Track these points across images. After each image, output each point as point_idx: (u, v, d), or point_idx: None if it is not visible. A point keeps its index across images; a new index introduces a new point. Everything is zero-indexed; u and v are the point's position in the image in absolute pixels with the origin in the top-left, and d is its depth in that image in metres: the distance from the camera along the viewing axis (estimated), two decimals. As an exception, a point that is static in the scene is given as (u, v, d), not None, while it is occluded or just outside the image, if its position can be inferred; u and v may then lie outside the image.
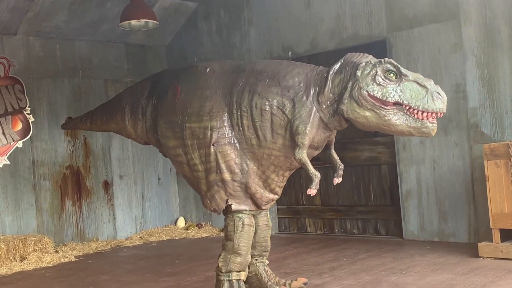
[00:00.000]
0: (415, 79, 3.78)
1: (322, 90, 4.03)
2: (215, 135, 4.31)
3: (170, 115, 4.60)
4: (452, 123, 6.47)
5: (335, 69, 4.05)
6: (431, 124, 3.78)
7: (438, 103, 3.72)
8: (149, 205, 9.00)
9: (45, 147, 7.99)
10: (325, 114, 4.05)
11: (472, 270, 5.18)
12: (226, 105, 4.32)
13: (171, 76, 4.88)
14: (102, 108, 5.57)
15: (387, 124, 3.82)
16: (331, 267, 5.73)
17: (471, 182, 6.34)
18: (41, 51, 8.03)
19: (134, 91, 5.17)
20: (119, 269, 6.54)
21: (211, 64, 4.62)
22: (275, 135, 4.16)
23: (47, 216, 7.94)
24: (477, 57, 6.26)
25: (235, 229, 4.36)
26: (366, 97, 3.81)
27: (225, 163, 4.31)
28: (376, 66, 3.83)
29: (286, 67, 4.28)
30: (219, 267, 4.38)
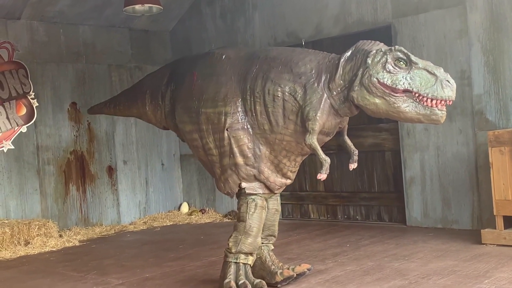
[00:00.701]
0: (425, 67, 3.82)
1: (333, 77, 4.08)
2: (229, 120, 4.39)
3: (187, 101, 4.70)
4: (456, 110, 6.45)
5: (346, 56, 4.10)
6: (440, 112, 3.81)
7: (447, 91, 3.76)
8: (152, 191, 9.03)
9: (49, 132, 8.00)
10: (335, 101, 4.10)
11: (475, 257, 5.19)
12: (240, 91, 4.40)
13: (189, 62, 4.97)
14: (125, 93, 5.73)
15: (396, 112, 3.88)
16: (334, 253, 5.75)
17: (475, 169, 6.33)
18: (45, 36, 8.01)
19: (154, 77, 5.31)
20: (123, 253, 6.58)
21: (227, 51, 4.68)
22: (287, 120, 4.21)
23: (52, 200, 7.97)
24: (482, 43, 6.22)
25: (248, 210, 4.42)
26: (376, 84, 3.86)
27: (238, 148, 4.38)
28: (387, 54, 3.88)
29: (299, 54, 4.33)
30: (229, 247, 4.42)
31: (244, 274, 4.37)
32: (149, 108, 5.19)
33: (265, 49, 4.70)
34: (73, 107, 8.24)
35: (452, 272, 4.70)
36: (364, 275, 4.80)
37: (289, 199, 8.18)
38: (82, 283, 5.28)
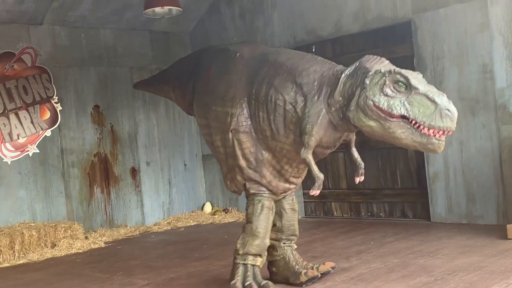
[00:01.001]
0: (425, 93, 3.58)
1: (333, 92, 3.97)
2: (234, 122, 4.41)
3: (202, 95, 4.76)
4: (479, 104, 6.39)
5: (347, 72, 3.96)
6: (438, 141, 3.59)
7: (446, 121, 3.52)
8: (176, 191, 9.09)
9: (73, 135, 8.10)
10: (334, 117, 3.99)
11: (501, 252, 5.14)
12: (247, 94, 4.40)
13: (210, 55, 4.99)
14: (161, 75, 5.87)
15: (391, 137, 3.71)
16: (358, 250, 5.73)
17: (499, 164, 6.27)
18: (67, 40, 8.11)
19: (183, 63, 5.43)
20: (148, 254, 6.64)
21: (242, 49, 4.68)
22: (287, 130, 4.18)
23: (77, 203, 8.07)
24: (504, 36, 6.15)
25: (254, 211, 4.43)
26: (371, 107, 3.69)
27: (240, 151, 4.40)
28: (386, 76, 3.69)
29: (306, 62, 4.25)
30: (237, 249, 4.43)
31: (252, 276, 4.36)
32: (177, 93, 5.30)
33: (278, 51, 4.62)
34: (96, 110, 8.33)
35: (478, 268, 4.66)
36: (389, 273, 4.78)
37: (312, 197, 8.14)
38: (108, 284, 5.34)
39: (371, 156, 7.46)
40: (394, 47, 7.27)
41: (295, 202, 4.75)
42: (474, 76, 6.42)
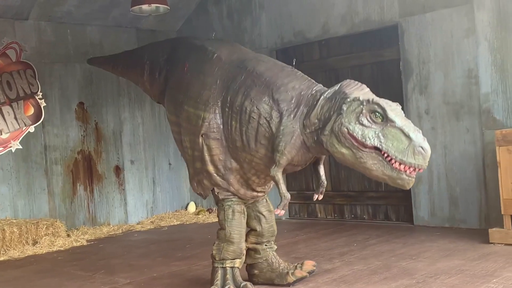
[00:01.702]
0: (401, 127, 3.53)
1: (309, 114, 3.90)
2: (205, 126, 4.33)
3: (175, 91, 4.67)
4: (464, 109, 6.44)
5: (326, 95, 3.89)
6: (408, 177, 3.54)
7: (418, 159, 3.48)
8: (160, 190, 9.05)
9: (57, 132, 8.04)
10: (308, 138, 3.92)
11: (482, 256, 5.17)
12: (221, 99, 4.32)
13: (186, 49, 4.88)
14: (125, 56, 5.70)
15: (362, 167, 3.65)
16: (341, 252, 5.75)
17: (483, 168, 6.31)
18: (52, 36, 8.04)
19: (156, 49, 5.25)
20: (131, 253, 6.60)
21: (220, 50, 4.57)
22: (258, 144, 4.11)
23: (59, 200, 8.01)
24: (489, 42, 6.20)
25: (225, 217, 4.40)
26: (345, 134, 3.63)
27: (209, 157, 4.36)
28: (363, 105, 3.62)
29: (285, 77, 4.15)
30: (213, 255, 4.40)
31: (231, 278, 4.34)
32: (147, 78, 5.16)
33: (257, 58, 4.45)
34: (80, 107, 8.28)
35: (459, 272, 4.69)
36: (372, 275, 4.80)
37: (296, 198, 8.18)
38: (90, 282, 5.30)
39: (355, 158, 7.47)
40: (381, 50, 7.30)
41: (269, 203, 4.74)
42: (459, 81, 6.46)
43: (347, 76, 7.66)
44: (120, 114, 8.64)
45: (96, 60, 6.27)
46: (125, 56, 5.72)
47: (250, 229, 4.68)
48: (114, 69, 5.78)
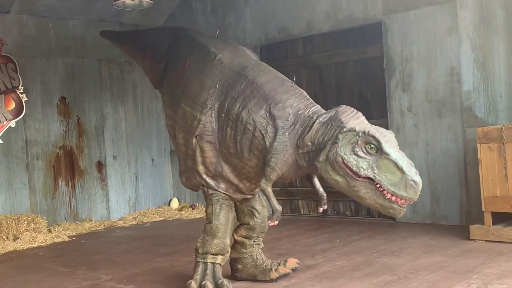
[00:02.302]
0: (395, 160, 3.57)
1: (303, 135, 3.92)
2: (200, 128, 4.34)
3: (174, 85, 4.67)
4: (446, 106, 6.48)
5: (322, 119, 3.91)
6: (399, 207, 3.61)
7: (410, 192, 3.53)
8: (142, 186, 9.01)
9: (38, 126, 7.96)
10: (300, 158, 3.95)
11: (463, 252, 5.22)
12: (219, 104, 4.31)
13: (188, 44, 4.85)
14: (132, 36, 5.74)
15: (355, 195, 3.70)
16: (324, 248, 5.77)
17: (464, 165, 6.37)
18: (34, 30, 7.96)
19: (159, 35, 5.29)
20: (113, 249, 6.56)
21: (223, 52, 4.53)
22: (251, 155, 4.14)
23: (40, 196, 7.94)
24: (472, 40, 6.25)
25: (213, 211, 4.40)
26: (340, 163, 3.66)
27: (201, 158, 4.38)
28: (359, 136, 3.65)
29: (284, 92, 4.15)
30: (197, 248, 4.41)
31: (211, 274, 4.34)
32: (147, 63, 5.21)
33: (258, 67, 4.42)
34: (62, 101, 8.20)
35: (440, 268, 4.73)
36: (354, 271, 4.82)
37: (279, 194, 8.19)
38: (71, 278, 5.26)
39: (338, 155, 7.50)
40: (365, 47, 7.33)
41: (262, 198, 4.74)
42: (442, 79, 6.50)
43: (330, 73, 7.70)
44: (103, 109, 8.58)
45: (108, 34, 6.22)
46: (132, 36, 5.77)
47: (242, 223, 4.69)
48: (122, 47, 5.83)
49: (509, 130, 5.46)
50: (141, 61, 5.38)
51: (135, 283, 4.92)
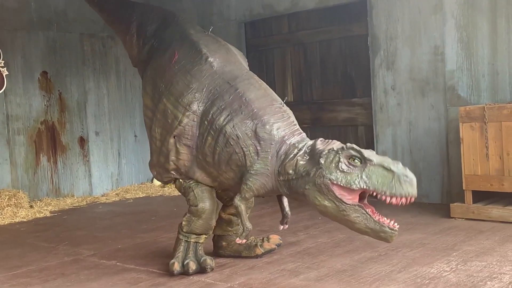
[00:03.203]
0: (380, 163, 3.53)
1: (285, 163, 3.86)
2: (180, 129, 4.24)
3: (157, 75, 4.54)
4: (429, 86, 6.51)
5: (305, 149, 3.83)
6: (390, 231, 3.57)
7: (406, 187, 3.47)
8: (125, 162, 8.97)
9: (20, 101, 7.86)
10: (280, 185, 3.91)
11: (443, 230, 5.29)
12: (203, 110, 4.20)
13: (180, 35, 4.68)
14: (115, 4, 5.44)
15: (345, 219, 3.64)
16: (306, 225, 5.80)
17: (446, 144, 6.42)
18: (15, 2, 7.81)
19: (147, 13, 5.10)
20: (95, 225, 6.55)
21: (214, 56, 4.39)
22: (228, 168, 4.08)
23: (22, 171, 7.87)
24: (456, 19, 6.26)
25: (196, 195, 4.29)
26: (329, 187, 3.58)
27: (176, 159, 4.30)
28: (339, 153, 3.61)
29: (273, 114, 4.06)
30: (182, 226, 4.33)
31: (193, 252, 4.31)
32: (129, 39, 5.06)
33: (249, 80, 4.28)
34: (44, 76, 8.10)
35: (421, 245, 4.79)
36: (335, 247, 4.86)
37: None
38: (53, 254, 5.25)
39: (322, 133, 7.52)
40: (350, 25, 7.31)
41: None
42: (426, 58, 6.52)
43: (315, 51, 7.68)
44: (85, 84, 8.49)
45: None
46: (115, 4, 5.44)
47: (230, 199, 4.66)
48: (101, 12, 5.57)
49: (491, 110, 5.51)
50: (122, 35, 5.22)
51: (117, 259, 4.92)
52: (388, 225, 3.58)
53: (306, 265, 4.41)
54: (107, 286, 4.16)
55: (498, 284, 3.71)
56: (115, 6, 5.43)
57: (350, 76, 7.39)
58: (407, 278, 3.94)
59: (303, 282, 3.98)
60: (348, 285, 3.85)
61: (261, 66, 8.20)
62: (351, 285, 3.85)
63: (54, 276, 4.50)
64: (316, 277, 4.09)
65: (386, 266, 4.24)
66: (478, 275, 3.93)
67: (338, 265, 4.35)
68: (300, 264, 4.45)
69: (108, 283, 4.24)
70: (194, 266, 4.23)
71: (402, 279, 3.92)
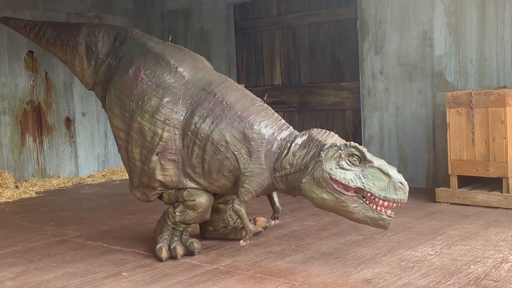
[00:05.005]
0: (379, 166, 3.64)
1: (280, 159, 3.89)
2: (162, 145, 4.16)
3: (124, 94, 4.36)
4: (417, 71, 6.52)
5: (298, 142, 3.90)
6: (388, 218, 3.67)
7: (399, 193, 3.60)
8: (112, 144, 8.92)
9: (5, 81, 7.78)
10: (277, 181, 3.94)
11: (428, 214, 5.34)
12: (184, 121, 4.13)
13: (141, 50, 4.52)
14: (55, 28, 5.05)
15: (344, 210, 3.71)
16: (293, 208, 5.83)
17: (432, 129, 6.45)
18: (0, -20, 7.70)
19: (95, 32, 4.80)
20: (81, 206, 6.53)
21: (183, 65, 4.31)
22: (220, 175, 4.06)
23: (7, 151, 7.81)
24: (445, 4, 6.26)
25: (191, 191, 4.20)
26: (327, 180, 3.67)
27: (162, 176, 4.21)
28: (341, 149, 3.68)
29: (257, 113, 4.07)
30: (172, 215, 4.24)
31: (179, 236, 4.29)
32: (79, 62, 4.79)
33: (224, 83, 4.25)
34: (30, 55, 8.01)
35: (406, 229, 4.83)
36: (321, 230, 4.89)
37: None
38: (38, 234, 5.23)
39: (310, 116, 7.54)
40: (339, 9, 7.29)
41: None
42: (414, 42, 6.52)
43: (304, 34, 7.65)
44: (72, 65, 8.41)
45: (11, 22, 5.33)
46: (54, 29, 5.04)
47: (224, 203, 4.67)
48: (37, 39, 5.12)
49: (478, 95, 5.53)
50: (70, 58, 4.85)
51: (103, 240, 4.92)
52: (386, 212, 3.67)
53: (292, 247, 4.44)
54: (93, 267, 4.16)
55: (482, 268, 3.75)
56: (57, 30, 5.03)
57: (339, 60, 7.39)
58: (392, 261, 3.97)
59: (289, 265, 4.00)
60: (333, 268, 3.88)
61: (249, 49, 8.16)
62: (336, 268, 3.88)
63: (40, 257, 4.49)
64: (302, 259, 4.11)
65: (371, 249, 4.28)
66: (462, 259, 3.97)
67: (323, 248, 4.37)
68: (286, 246, 4.47)
69: (94, 264, 4.24)
70: (182, 250, 4.22)
71: (386, 262, 3.95)
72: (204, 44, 8.44)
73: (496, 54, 5.98)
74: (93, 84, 4.81)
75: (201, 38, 8.50)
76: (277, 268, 3.93)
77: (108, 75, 4.64)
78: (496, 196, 5.47)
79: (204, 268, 4.01)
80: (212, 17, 8.36)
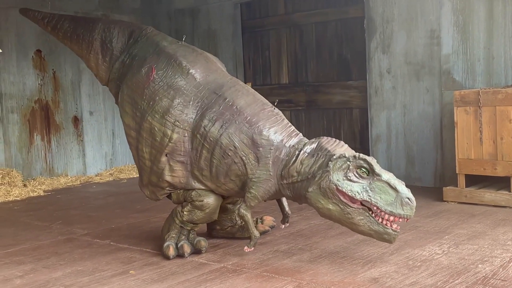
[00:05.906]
0: (387, 180, 3.62)
1: (288, 166, 3.88)
2: (171, 147, 4.15)
3: (136, 93, 4.37)
4: (424, 69, 6.50)
5: (307, 151, 3.89)
6: (393, 232, 3.65)
7: (406, 209, 3.59)
8: (119, 142, 8.95)
9: (13, 79, 7.81)
10: (284, 188, 3.93)
11: (436, 214, 5.32)
12: (193, 124, 4.13)
13: (154, 49, 4.52)
14: (71, 22, 5.06)
15: (349, 222, 3.69)
16: (299, 207, 5.81)
17: (440, 128, 6.44)
18: (8, -20, 7.74)
19: (110, 29, 4.82)
20: (89, 204, 6.56)
21: (195, 67, 4.30)
22: (227, 179, 4.05)
23: (16, 150, 7.85)
24: (453, 3, 6.24)
25: (199, 192, 4.21)
26: (334, 191, 3.65)
27: (170, 177, 4.21)
28: (350, 161, 3.65)
29: (266, 118, 4.05)
30: (180, 214, 4.24)
31: (187, 235, 4.30)
32: (94, 57, 4.81)
33: (235, 87, 4.22)
34: (38, 54, 8.04)
35: (413, 228, 4.82)
36: (328, 229, 4.89)
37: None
38: (47, 232, 5.26)
39: (317, 115, 7.53)
40: (346, 7, 7.28)
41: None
42: (422, 41, 6.51)
43: (311, 33, 7.65)
44: (79, 64, 8.43)
45: (30, 13, 5.41)
46: (72, 23, 5.06)
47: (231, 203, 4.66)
48: (54, 32, 5.17)
49: (486, 94, 5.51)
50: (86, 53, 4.87)
51: (111, 238, 4.94)
52: (391, 226, 3.65)
53: (299, 246, 4.43)
54: (101, 265, 4.17)
55: (489, 267, 3.74)
56: (73, 24, 5.06)
57: (346, 59, 7.38)
58: (399, 260, 3.97)
59: (296, 263, 4.00)
60: (340, 267, 3.88)
61: (256, 48, 8.17)
62: (343, 267, 3.88)
63: (48, 255, 4.51)
64: (309, 258, 4.11)
65: (379, 248, 4.27)
66: (470, 258, 3.96)
67: (331, 247, 4.37)
68: (293, 245, 4.47)
69: (102, 262, 4.26)
70: (189, 249, 4.23)
71: (394, 261, 3.95)
72: (211, 43, 8.45)
73: (504, 53, 5.96)
74: (107, 80, 4.83)
75: (208, 37, 8.51)
76: (284, 267, 3.93)
77: (122, 73, 4.64)
78: (504, 195, 5.45)
79: (211, 267, 4.02)
80: (219, 15, 8.37)
